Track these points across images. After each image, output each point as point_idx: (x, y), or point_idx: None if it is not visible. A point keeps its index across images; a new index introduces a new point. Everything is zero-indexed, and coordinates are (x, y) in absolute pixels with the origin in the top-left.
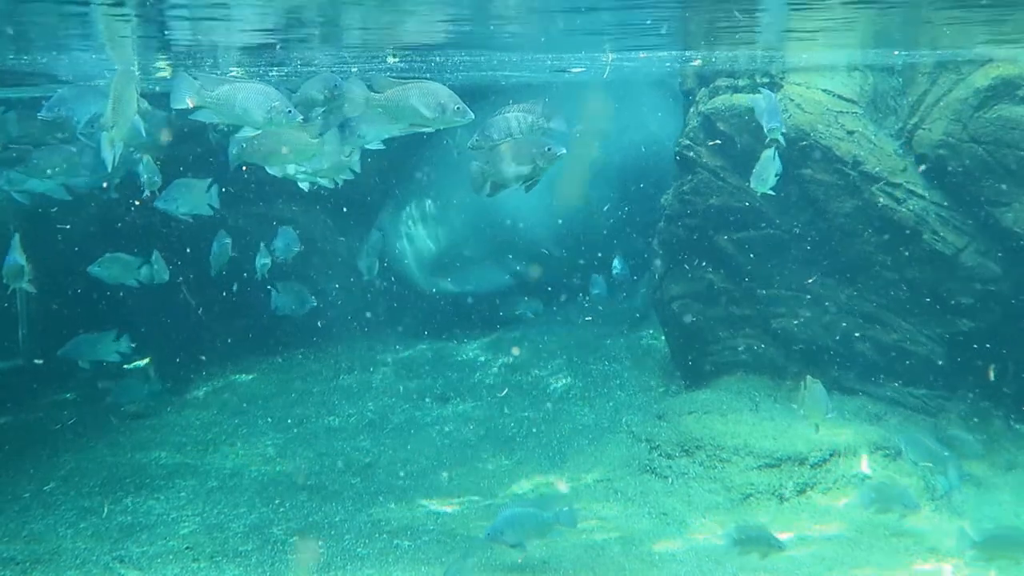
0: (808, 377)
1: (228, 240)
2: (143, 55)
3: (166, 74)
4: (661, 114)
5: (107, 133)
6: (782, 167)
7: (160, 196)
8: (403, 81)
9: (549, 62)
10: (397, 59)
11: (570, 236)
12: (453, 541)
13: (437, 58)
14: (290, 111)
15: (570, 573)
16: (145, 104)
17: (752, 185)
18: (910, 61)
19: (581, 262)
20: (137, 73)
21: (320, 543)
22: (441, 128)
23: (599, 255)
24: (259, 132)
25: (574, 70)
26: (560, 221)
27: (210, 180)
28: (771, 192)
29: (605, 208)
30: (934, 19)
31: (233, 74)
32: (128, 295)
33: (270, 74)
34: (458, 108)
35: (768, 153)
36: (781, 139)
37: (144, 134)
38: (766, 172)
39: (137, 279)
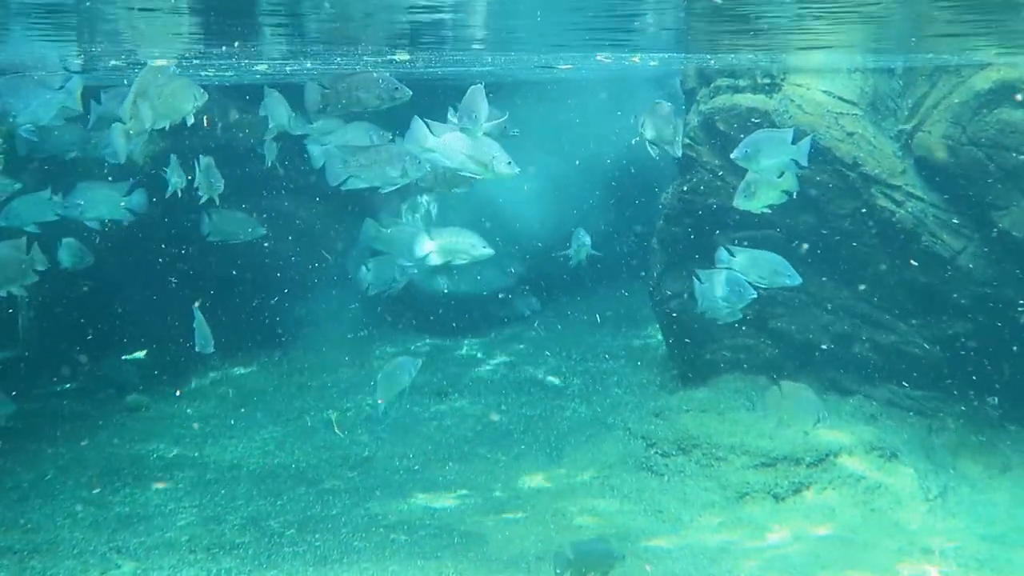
0: (786, 383)
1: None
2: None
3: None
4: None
5: (121, 125)
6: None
7: (64, 201)
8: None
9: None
10: (408, 56)
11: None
12: (449, 536)
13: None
14: (510, 162)
15: None
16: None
17: (735, 202)
18: (911, 65)
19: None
20: (172, 69)
21: (317, 536)
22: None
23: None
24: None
25: (562, 67)
26: (558, 220)
27: (130, 183)
28: (768, 209)
29: (600, 207)
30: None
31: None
32: (129, 289)
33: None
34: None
35: (752, 176)
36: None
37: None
38: (750, 189)
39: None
